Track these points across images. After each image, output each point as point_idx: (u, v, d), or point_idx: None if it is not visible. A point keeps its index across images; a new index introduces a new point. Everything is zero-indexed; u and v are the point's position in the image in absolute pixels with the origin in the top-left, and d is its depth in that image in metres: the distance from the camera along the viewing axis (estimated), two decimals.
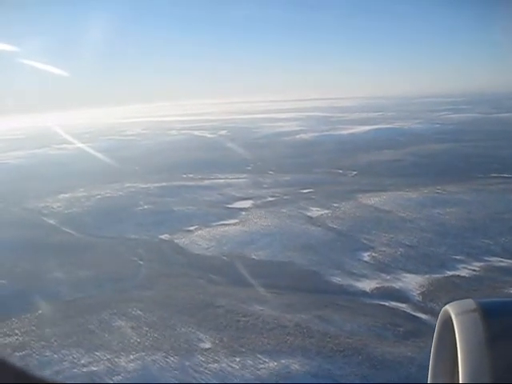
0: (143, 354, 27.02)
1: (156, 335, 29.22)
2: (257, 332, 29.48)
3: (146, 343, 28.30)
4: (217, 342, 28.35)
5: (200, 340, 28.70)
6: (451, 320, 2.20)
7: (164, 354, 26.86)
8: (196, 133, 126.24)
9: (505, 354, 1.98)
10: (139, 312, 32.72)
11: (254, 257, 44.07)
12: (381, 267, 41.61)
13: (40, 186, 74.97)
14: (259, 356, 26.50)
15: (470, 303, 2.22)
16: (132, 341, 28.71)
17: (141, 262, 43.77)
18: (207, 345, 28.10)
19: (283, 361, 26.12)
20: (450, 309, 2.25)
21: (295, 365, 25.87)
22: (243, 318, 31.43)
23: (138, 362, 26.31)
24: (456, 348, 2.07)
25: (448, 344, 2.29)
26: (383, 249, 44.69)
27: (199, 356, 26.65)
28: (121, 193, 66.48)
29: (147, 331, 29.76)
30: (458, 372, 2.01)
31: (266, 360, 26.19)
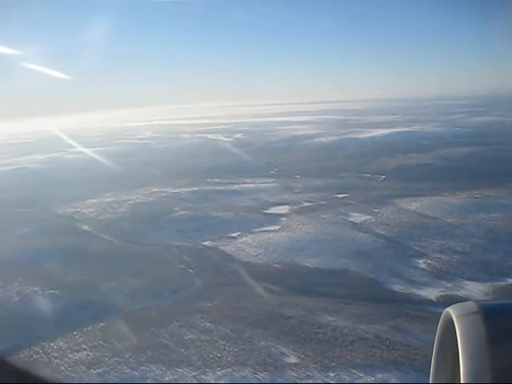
0: (230, 370, 25.82)
1: (235, 349, 28.01)
2: (340, 345, 28.34)
3: (228, 358, 27.09)
4: (302, 356, 27.19)
5: (283, 354, 27.54)
6: (453, 322, 2.21)
7: (252, 370, 25.67)
8: (210, 136, 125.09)
9: (505, 355, 1.99)
10: (209, 324, 31.50)
11: (307, 264, 42.96)
12: (440, 274, 40.63)
13: (64, 191, 73.64)
14: (353, 371, 25.37)
15: (471, 305, 2.24)
16: (212, 356, 27.49)
17: (191, 271, 42.57)
18: (293, 359, 26.94)
19: (379, 375, 25.03)
20: (452, 311, 2.26)
21: (393, 379, 24.81)
22: (320, 330, 30.30)
23: (228, 378, 25.12)
24: (457, 349, 2.07)
25: (449, 345, 2.29)
26: (437, 255, 43.71)
27: (290, 372, 25.49)
28: (152, 198, 65.18)
29: (224, 345, 28.55)
30: (459, 373, 2.01)
31: (362, 375, 25.08)
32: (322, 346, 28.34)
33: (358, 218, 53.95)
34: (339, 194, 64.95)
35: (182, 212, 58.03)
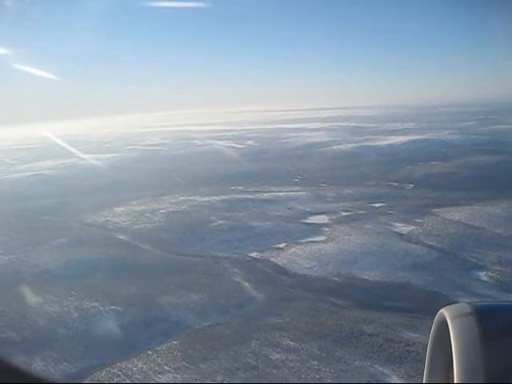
0: None
1: (332, 370, 26.75)
2: None
3: (329, 380, 25.81)
4: (405, 376, 26.05)
5: (385, 374, 26.36)
6: (446, 323, 2.22)
7: None
8: (221, 143, 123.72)
9: (498, 355, 2.02)
10: (291, 342, 30.20)
11: (365, 277, 41.81)
12: (505, 287, 39.72)
13: (87, 199, 71.92)
14: None
15: (464, 307, 2.27)
16: (310, 377, 26.20)
17: (247, 284, 41.12)
18: (397, 380, 25.78)
19: None
20: (446, 312, 2.30)
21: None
22: (410, 348, 29.15)
23: None
24: (451, 350, 2.09)
25: (443, 346, 2.30)
26: (497, 268, 42.83)
27: None
28: (184, 207, 63.63)
29: (319, 365, 27.27)
30: (452, 373, 2.03)
31: None
32: (420, 365, 27.14)
33: (402, 228, 53.02)
34: (374, 203, 64.02)
35: (220, 222, 56.57)
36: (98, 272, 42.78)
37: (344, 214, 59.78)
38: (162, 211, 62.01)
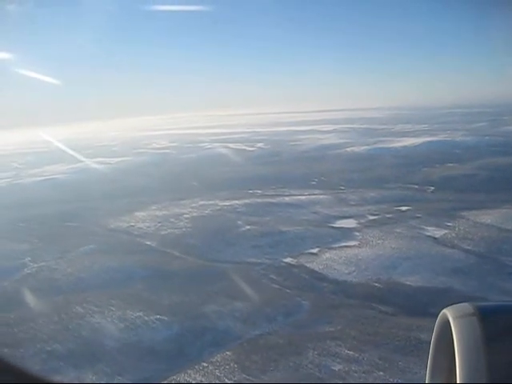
0: None
1: (400, 380, 26.01)
2: None
3: None
4: None
5: None
6: (449, 323, 2.21)
7: None
8: (231, 146, 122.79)
9: (501, 355, 2.00)
10: (350, 352, 29.45)
11: (407, 283, 41.11)
12: None
13: (104, 204, 71.00)
14: None
15: (467, 307, 2.26)
16: None
17: (288, 291, 40.39)
18: None
19: None
20: (448, 312, 2.29)
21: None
22: None
23: None
24: (453, 350, 2.07)
25: (446, 346, 2.27)
26: None
27: None
28: (207, 211, 62.82)
29: (385, 376, 26.53)
30: (455, 373, 2.02)
31: None
32: None
33: (435, 232, 52.35)
34: (399, 206, 63.37)
35: (248, 226, 55.76)
36: (133, 280, 41.87)
37: (371, 217, 59.09)
38: (185, 216, 61.15)
